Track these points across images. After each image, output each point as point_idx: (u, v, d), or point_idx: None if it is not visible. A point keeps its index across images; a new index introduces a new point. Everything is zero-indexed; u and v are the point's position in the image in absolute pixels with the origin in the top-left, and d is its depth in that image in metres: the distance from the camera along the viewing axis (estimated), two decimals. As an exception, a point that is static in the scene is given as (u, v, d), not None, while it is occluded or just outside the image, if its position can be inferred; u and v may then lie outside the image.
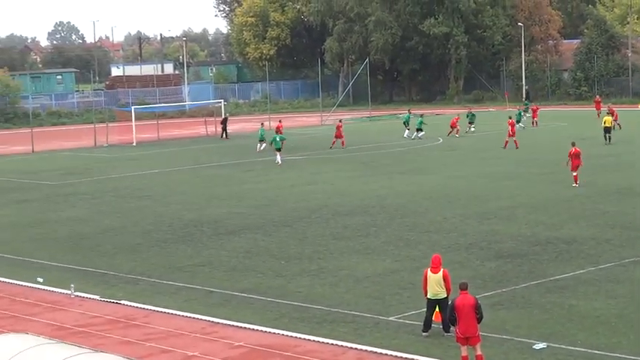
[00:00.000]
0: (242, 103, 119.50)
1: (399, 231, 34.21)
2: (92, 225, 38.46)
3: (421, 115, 73.79)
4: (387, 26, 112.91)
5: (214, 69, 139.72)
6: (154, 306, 25.44)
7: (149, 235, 35.57)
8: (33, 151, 72.26)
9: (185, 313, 24.55)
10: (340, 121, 69.27)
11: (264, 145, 63.75)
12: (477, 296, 20.44)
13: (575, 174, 43.28)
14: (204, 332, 22.92)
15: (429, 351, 20.76)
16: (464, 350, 19.53)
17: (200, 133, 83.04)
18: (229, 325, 23.40)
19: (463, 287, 19.85)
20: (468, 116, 73.49)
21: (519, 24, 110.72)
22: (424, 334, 21.73)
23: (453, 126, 70.38)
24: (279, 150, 57.24)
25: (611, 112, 72.51)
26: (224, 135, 78.19)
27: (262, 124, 68.21)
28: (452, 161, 55.20)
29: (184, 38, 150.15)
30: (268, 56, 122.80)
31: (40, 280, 28.87)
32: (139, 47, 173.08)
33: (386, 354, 20.69)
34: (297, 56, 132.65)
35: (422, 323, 21.93)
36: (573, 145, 44.52)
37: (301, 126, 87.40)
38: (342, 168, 53.83)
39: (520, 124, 71.67)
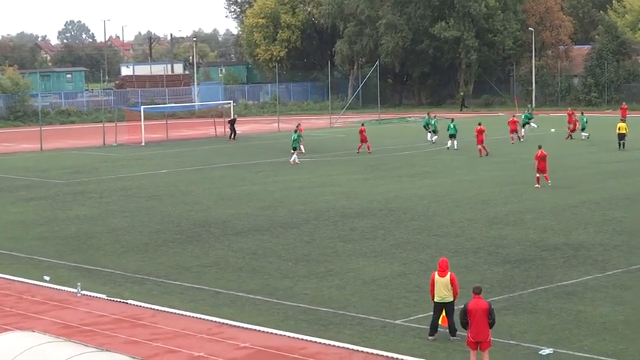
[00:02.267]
0: (251, 104, 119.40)
1: (406, 234, 34.19)
2: (100, 224, 38.49)
3: (452, 120, 66.45)
4: (398, 29, 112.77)
5: (224, 70, 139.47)
6: (160, 306, 25.45)
7: (157, 235, 35.59)
8: (42, 150, 72.31)
9: (191, 314, 24.56)
10: (363, 124, 67.48)
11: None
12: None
13: (539, 175, 44.64)
14: (211, 333, 22.92)
15: (435, 355, 20.75)
16: (473, 355, 19.48)
17: (209, 134, 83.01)
18: (235, 326, 23.40)
19: (477, 291, 19.78)
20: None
21: (530, 29, 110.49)
22: (430, 337, 21.72)
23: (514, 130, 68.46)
24: (295, 149, 58.57)
25: (569, 117, 71.60)
26: (232, 136, 78.15)
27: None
28: (460, 165, 55.13)
29: (194, 39, 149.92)
30: (278, 58, 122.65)
31: (47, 278, 28.91)
32: (149, 47, 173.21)
33: (392, 357, 20.67)
34: (307, 58, 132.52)
35: (428, 327, 21.92)
36: (540, 147, 45.70)
37: (310, 128, 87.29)
38: (351, 170, 53.80)
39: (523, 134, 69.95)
